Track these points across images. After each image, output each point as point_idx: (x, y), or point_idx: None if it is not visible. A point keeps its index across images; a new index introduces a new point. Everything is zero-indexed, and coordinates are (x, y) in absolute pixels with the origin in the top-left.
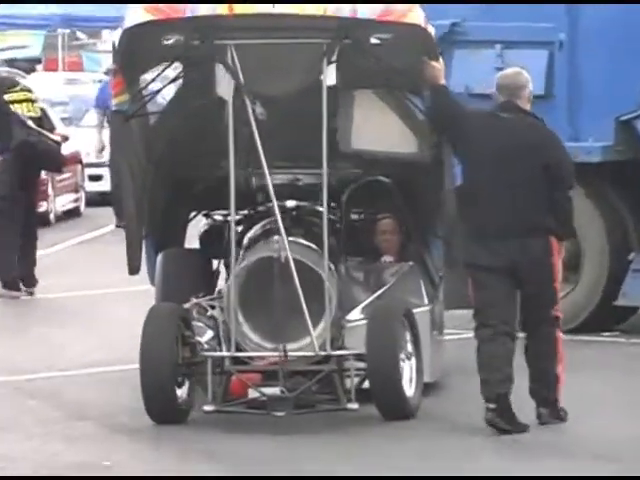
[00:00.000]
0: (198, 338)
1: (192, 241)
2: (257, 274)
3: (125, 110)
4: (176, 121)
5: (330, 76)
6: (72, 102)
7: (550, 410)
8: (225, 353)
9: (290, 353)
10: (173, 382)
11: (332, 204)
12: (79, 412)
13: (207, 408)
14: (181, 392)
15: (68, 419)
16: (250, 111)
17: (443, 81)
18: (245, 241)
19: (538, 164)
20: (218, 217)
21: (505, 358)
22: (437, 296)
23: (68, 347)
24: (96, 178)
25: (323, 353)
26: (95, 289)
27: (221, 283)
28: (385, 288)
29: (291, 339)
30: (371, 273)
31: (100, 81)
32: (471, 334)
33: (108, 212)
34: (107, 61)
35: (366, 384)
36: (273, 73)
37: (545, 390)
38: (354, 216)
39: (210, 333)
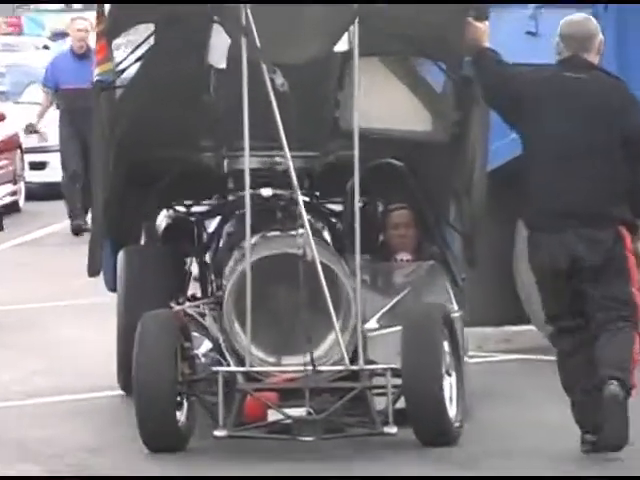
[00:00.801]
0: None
1: None
2: (260, 275)
3: (110, 81)
4: (145, 93)
5: (341, 41)
6: (9, 73)
7: None
8: (239, 368)
9: (322, 368)
10: (173, 403)
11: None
12: (20, 453)
13: (218, 433)
14: (179, 414)
15: (7, 462)
16: (268, 82)
17: (487, 44)
18: (223, 236)
19: (615, 135)
20: (180, 209)
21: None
22: (464, 303)
23: (3, 372)
24: (39, 166)
25: (355, 367)
26: (35, 302)
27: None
28: (406, 292)
29: (300, 352)
30: (383, 274)
31: (45, 47)
32: (498, 357)
33: (53, 208)
34: (53, 22)
35: (399, 403)
36: (288, 38)
37: None
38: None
39: (207, 344)
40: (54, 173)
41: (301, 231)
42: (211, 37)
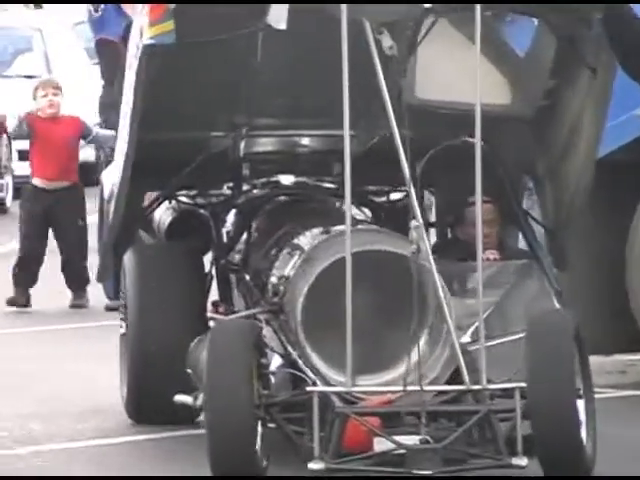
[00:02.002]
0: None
1: None
2: (337, 279)
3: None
4: (190, 54)
5: None
6: None
7: None
8: (338, 388)
9: (428, 388)
10: (254, 431)
11: None
12: None
13: (315, 466)
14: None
15: None
16: (372, 44)
17: None
18: (254, 233)
19: None
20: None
21: None
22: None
23: None
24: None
25: (477, 387)
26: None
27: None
28: (500, 297)
29: (378, 370)
30: (467, 276)
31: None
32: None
33: None
34: None
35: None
36: None
37: None
38: None
39: (278, 359)
40: None
41: (415, 223)
42: None
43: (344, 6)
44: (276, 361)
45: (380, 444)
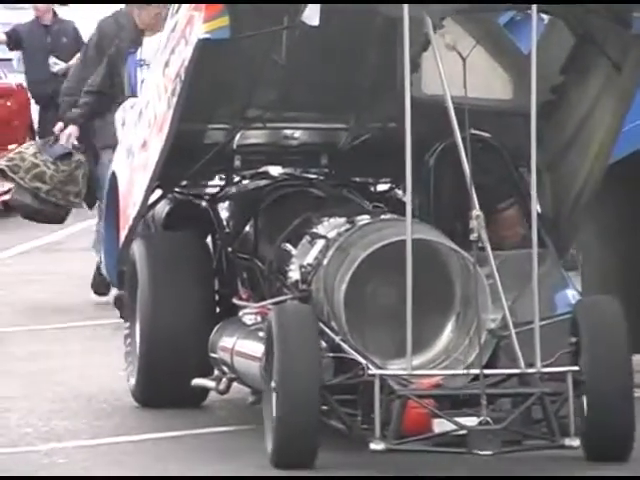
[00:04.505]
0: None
1: None
2: (371, 267)
3: (222, 39)
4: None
5: None
6: None
7: None
8: (399, 372)
9: (487, 371)
10: (320, 414)
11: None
12: None
13: (376, 447)
14: None
15: None
16: (433, 39)
17: None
18: (261, 221)
19: None
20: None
21: None
22: None
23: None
24: None
25: (532, 370)
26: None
27: None
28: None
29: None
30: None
31: None
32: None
33: None
34: None
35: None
36: None
37: None
38: None
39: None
40: None
41: (475, 212)
42: None
43: (406, 6)
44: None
45: (440, 425)
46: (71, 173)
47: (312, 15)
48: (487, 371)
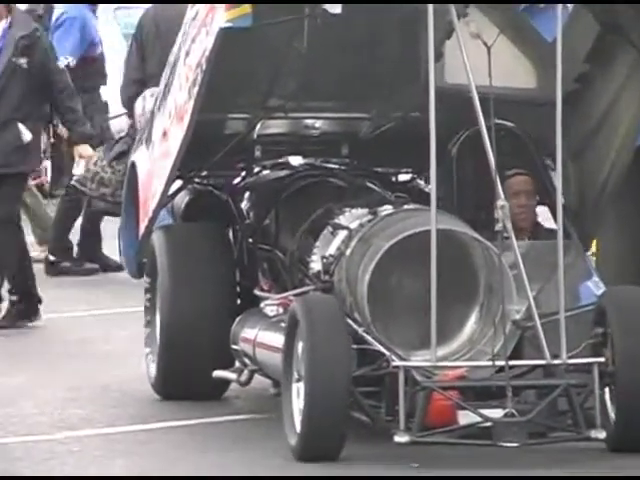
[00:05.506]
0: None
1: None
2: (394, 258)
3: (245, 27)
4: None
5: None
6: None
7: None
8: (425, 363)
9: (512, 362)
10: (347, 405)
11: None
12: None
13: (401, 439)
14: None
15: None
16: (457, 26)
17: None
18: (281, 212)
19: None
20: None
21: None
22: None
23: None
24: None
25: (557, 362)
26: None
27: None
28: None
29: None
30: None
31: None
32: None
33: None
34: None
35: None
36: None
37: None
38: None
39: None
40: None
41: (501, 202)
42: None
43: None
44: None
45: (465, 417)
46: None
47: (334, 4)
48: (512, 362)
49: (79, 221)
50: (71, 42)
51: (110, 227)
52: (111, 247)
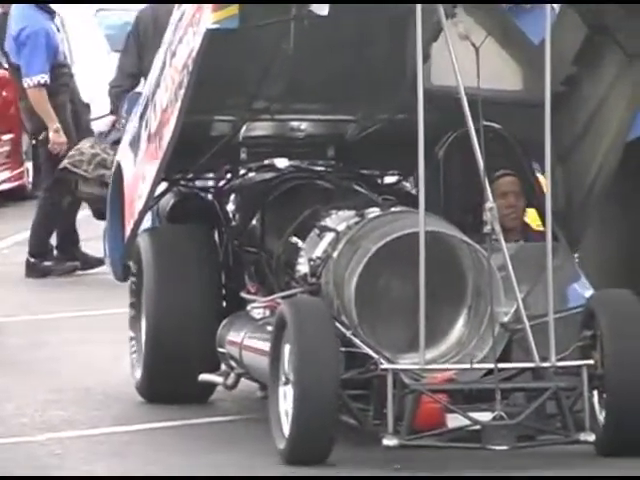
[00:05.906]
0: None
1: None
2: (382, 260)
3: (231, 29)
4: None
5: None
6: None
7: None
8: (413, 366)
9: (501, 365)
10: (336, 408)
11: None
12: None
13: (389, 442)
14: None
15: None
16: (446, 27)
17: None
18: (267, 214)
19: None
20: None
21: None
22: None
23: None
24: None
25: (546, 365)
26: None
27: None
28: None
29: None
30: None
31: None
32: None
33: None
34: None
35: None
36: None
37: None
38: None
39: None
40: None
41: (489, 204)
42: None
43: None
44: None
45: (454, 420)
46: None
47: (321, 5)
48: (501, 365)
49: None
50: (41, 59)
51: (93, 229)
52: (95, 249)
